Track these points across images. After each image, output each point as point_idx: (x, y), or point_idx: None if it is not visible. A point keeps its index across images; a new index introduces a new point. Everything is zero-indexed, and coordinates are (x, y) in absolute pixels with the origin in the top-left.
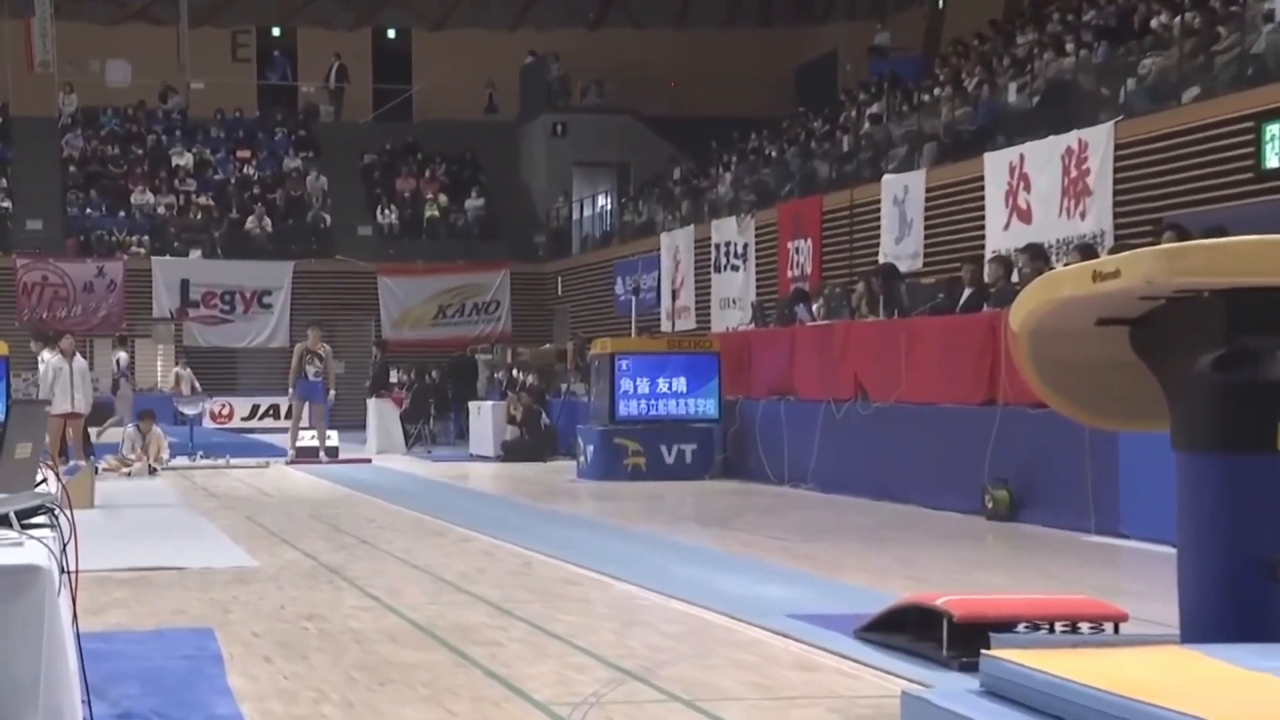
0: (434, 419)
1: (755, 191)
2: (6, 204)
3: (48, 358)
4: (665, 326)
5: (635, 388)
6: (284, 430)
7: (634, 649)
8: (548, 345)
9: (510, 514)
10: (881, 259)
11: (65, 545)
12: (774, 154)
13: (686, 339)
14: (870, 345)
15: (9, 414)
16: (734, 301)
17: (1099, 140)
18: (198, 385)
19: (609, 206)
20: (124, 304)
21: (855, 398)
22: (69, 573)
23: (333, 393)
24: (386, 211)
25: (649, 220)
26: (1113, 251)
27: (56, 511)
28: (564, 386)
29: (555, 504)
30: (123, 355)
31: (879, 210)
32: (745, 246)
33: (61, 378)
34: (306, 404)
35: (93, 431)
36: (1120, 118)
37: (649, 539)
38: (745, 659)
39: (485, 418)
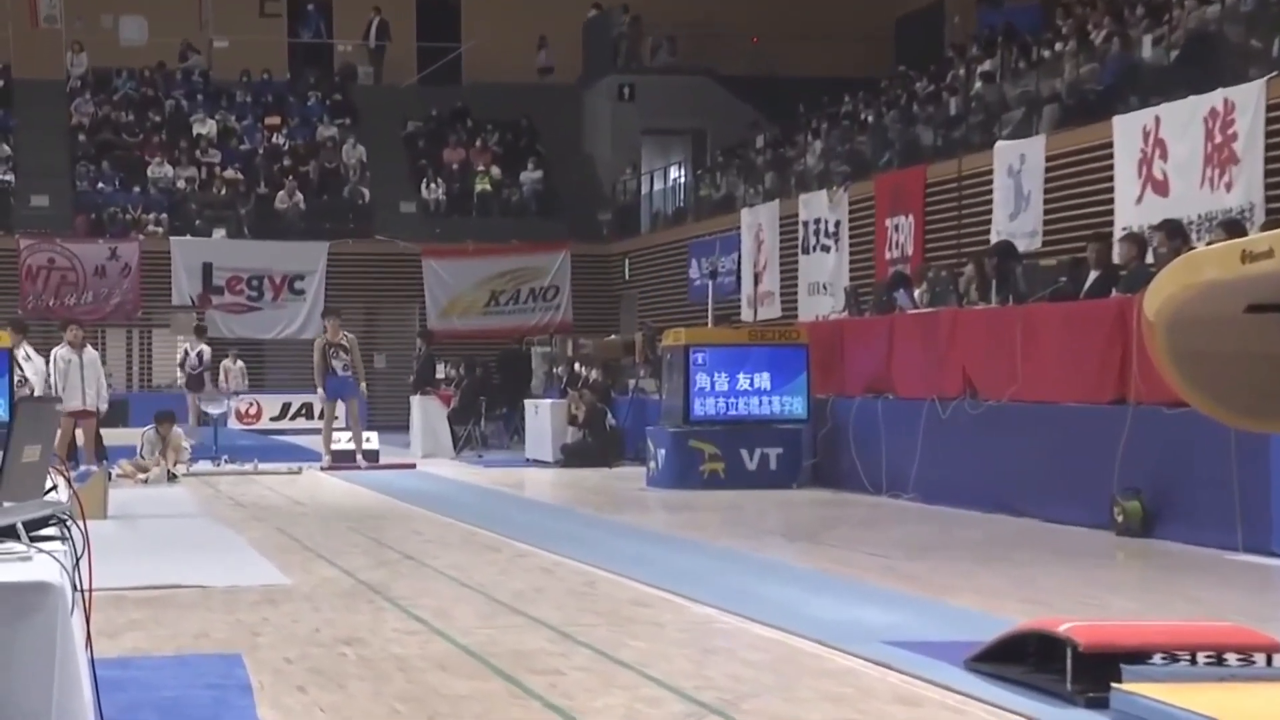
0: (485, 419)
1: (849, 161)
2: (9, 178)
3: (31, 353)
4: (746, 315)
5: (713, 384)
6: (318, 432)
7: (712, 679)
8: (613, 336)
9: (572, 526)
10: (994, 237)
11: (78, 560)
12: (871, 119)
13: (770, 329)
14: (981, 335)
15: (14, 413)
16: (824, 286)
17: (1248, 100)
18: (246, 381)
19: (682, 179)
20: (140, 290)
21: (963, 395)
22: (82, 591)
23: (363, 385)
24: (433, 186)
25: (728, 195)
26: (1264, 228)
27: (68, 522)
28: (632, 383)
29: (622, 515)
30: (204, 348)
31: (991, 182)
32: (837, 224)
33: (71, 372)
34: (339, 402)
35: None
36: (1273, 74)
37: (728, 555)
38: (838, 691)
39: (543, 418)
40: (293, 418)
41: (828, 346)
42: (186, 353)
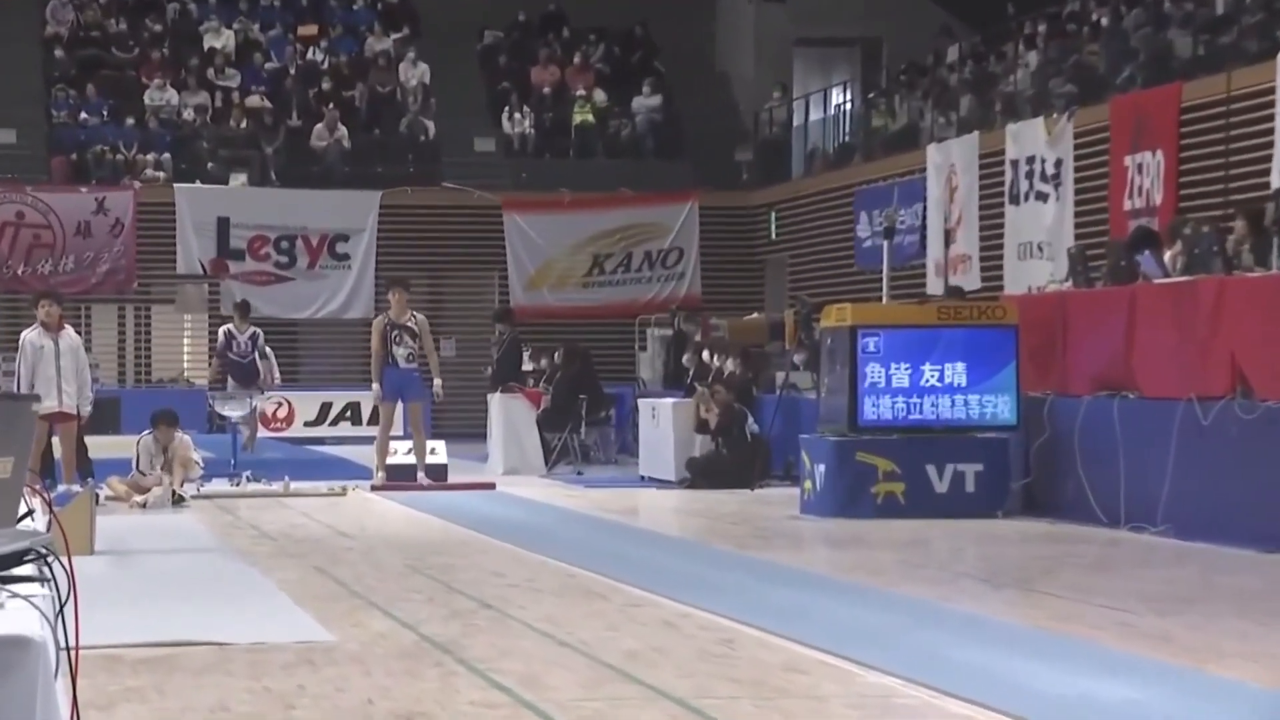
0: (586, 424)
1: (1075, 80)
2: None
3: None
4: (934, 286)
5: (889, 378)
6: (367, 440)
7: None
8: (755, 315)
9: (702, 566)
10: (1276, 181)
11: (61, 608)
12: (1104, 22)
13: (967, 305)
14: (1256, 313)
15: None
16: (1040, 248)
17: None
18: (277, 375)
19: (849, 105)
20: (135, 254)
21: (1232, 394)
22: (67, 649)
23: (438, 382)
24: (517, 117)
25: (910, 126)
26: None
27: (49, 558)
28: (780, 377)
29: (769, 552)
30: (257, 331)
31: (1272, 105)
32: (1058, 164)
33: (44, 362)
34: (399, 403)
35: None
36: None
37: (911, 606)
38: None
39: (663, 423)
40: (334, 422)
41: (1045, 328)
42: (229, 335)
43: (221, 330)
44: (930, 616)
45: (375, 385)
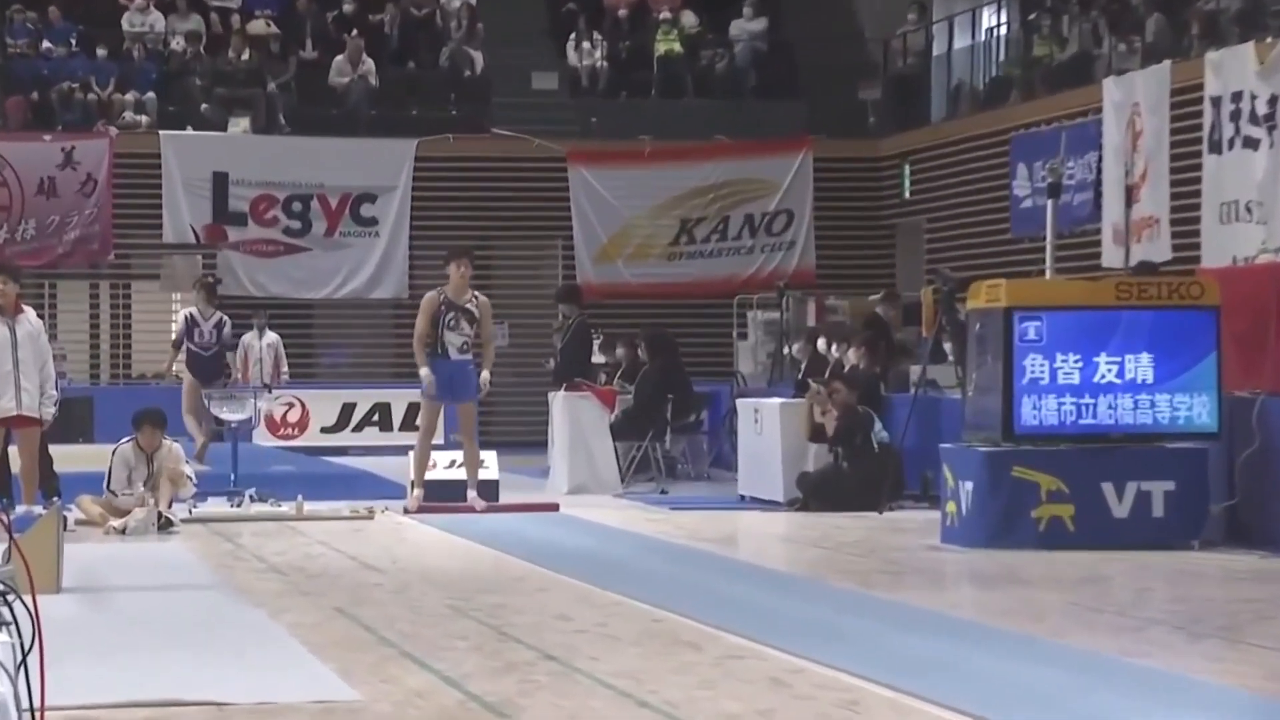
0: (672, 431)
1: None
2: None
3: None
4: (1111, 258)
5: (1054, 374)
6: (400, 450)
7: None
8: (884, 294)
9: (819, 608)
10: None
11: (24, 657)
12: None
13: (1154, 281)
14: None
15: None
16: (1249, 208)
17: None
18: (285, 368)
19: (1003, 30)
20: (111, 217)
21: None
22: (31, 711)
23: (485, 374)
24: (586, 45)
25: (1081, 55)
26: None
27: (8, 597)
28: (915, 371)
29: (902, 592)
30: (222, 317)
31: None
32: (1273, 102)
33: None
34: (444, 404)
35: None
36: None
37: (1084, 661)
38: None
39: (768, 429)
40: (358, 427)
41: (1254, 310)
42: (190, 321)
43: (182, 314)
44: (1108, 674)
45: (424, 370)
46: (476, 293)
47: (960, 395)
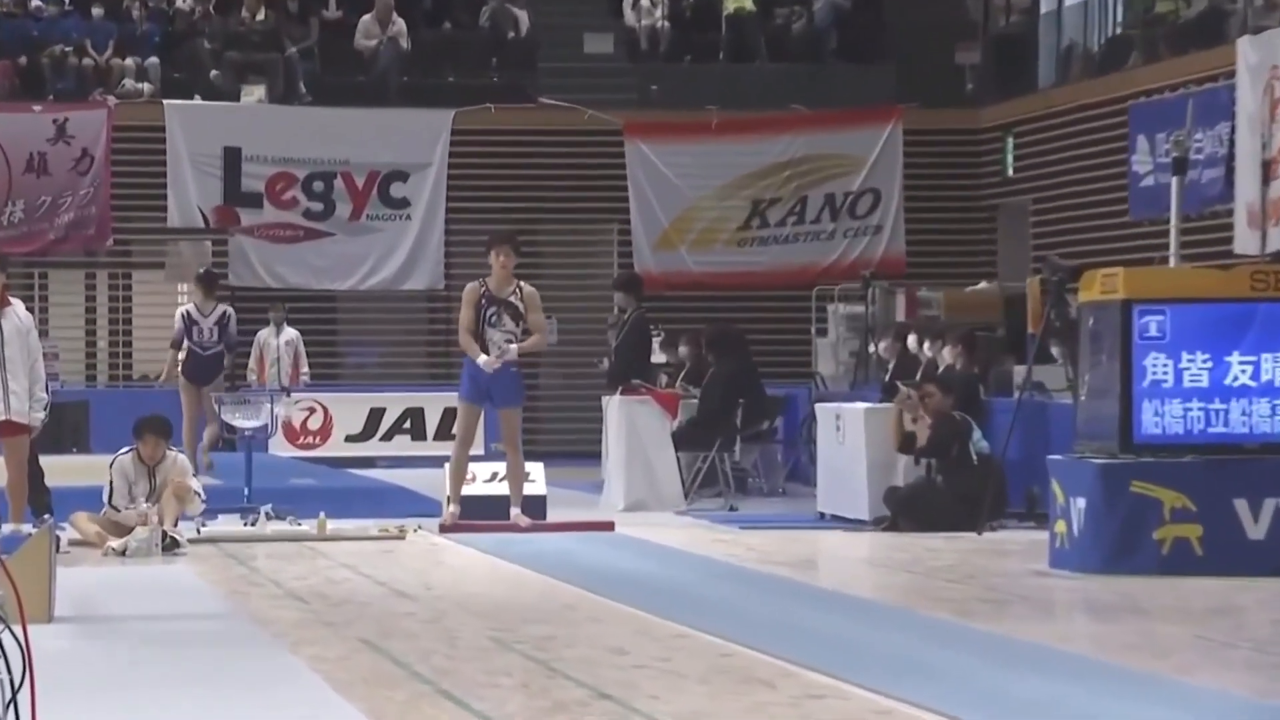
0: (743, 440)
1: None
2: None
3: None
4: (1244, 244)
5: (1179, 375)
6: (435, 462)
7: None
8: (983, 284)
9: (909, 642)
10: None
11: (14, 696)
12: None
13: None
14: None
15: None
16: None
17: None
18: (305, 368)
19: None
20: (110, 198)
21: None
22: None
23: (513, 347)
24: (643, 3)
25: (1210, 10)
26: None
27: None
28: (1020, 373)
29: (1004, 623)
30: (227, 310)
31: None
32: None
33: None
34: (481, 407)
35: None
36: None
37: (1215, 703)
38: None
39: (851, 439)
40: (387, 435)
41: None
42: (187, 319)
43: (179, 312)
44: (1245, 719)
45: (483, 358)
46: (521, 283)
47: (1071, 400)
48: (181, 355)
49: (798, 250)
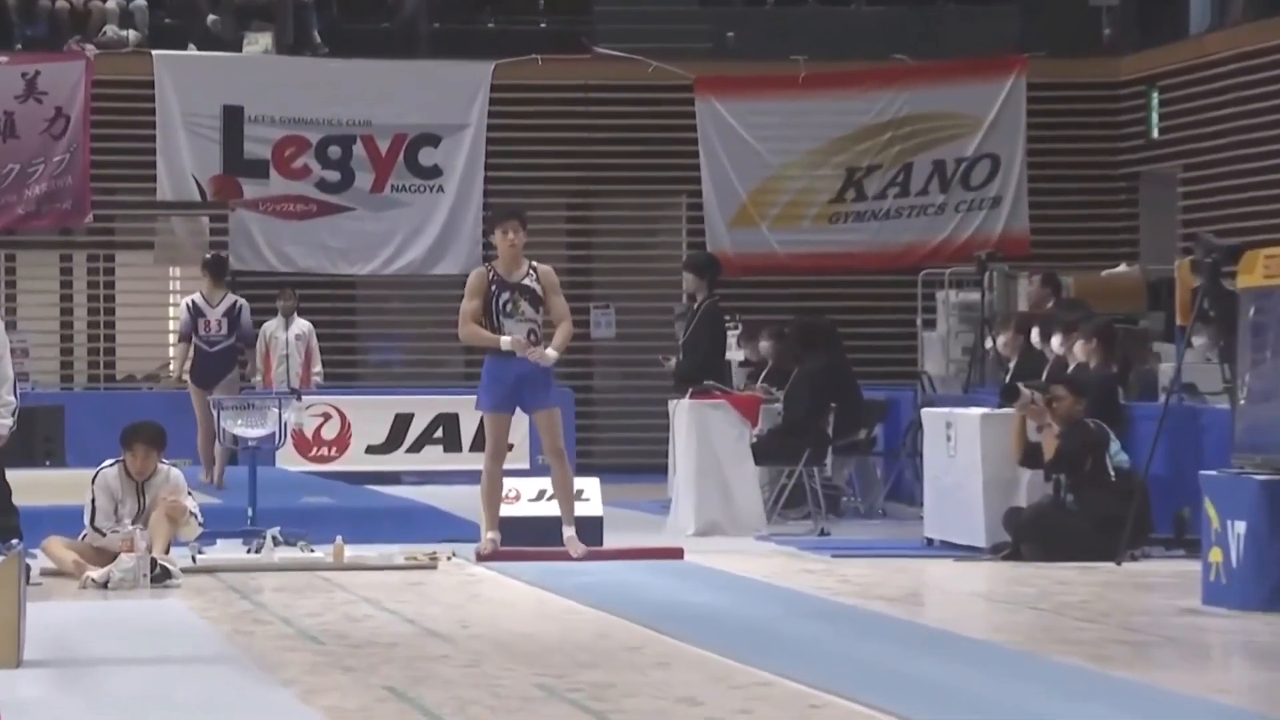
0: (836, 451)
1: None
2: None
3: None
4: None
5: None
6: (472, 477)
7: None
8: (1123, 267)
9: (1035, 691)
10: None
11: None
12: None
13: None
14: None
15: None
16: None
17: None
18: (319, 367)
19: None
20: (89, 167)
21: None
22: None
23: (551, 350)
24: None
25: None
26: None
27: None
28: (1166, 372)
29: (1150, 670)
30: (240, 301)
31: None
32: None
33: None
34: (509, 414)
35: None
36: None
37: None
38: None
39: (965, 450)
40: (415, 447)
41: None
42: (193, 310)
43: (185, 302)
44: None
45: (505, 338)
46: (534, 263)
47: (1229, 404)
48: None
49: (901, 227)
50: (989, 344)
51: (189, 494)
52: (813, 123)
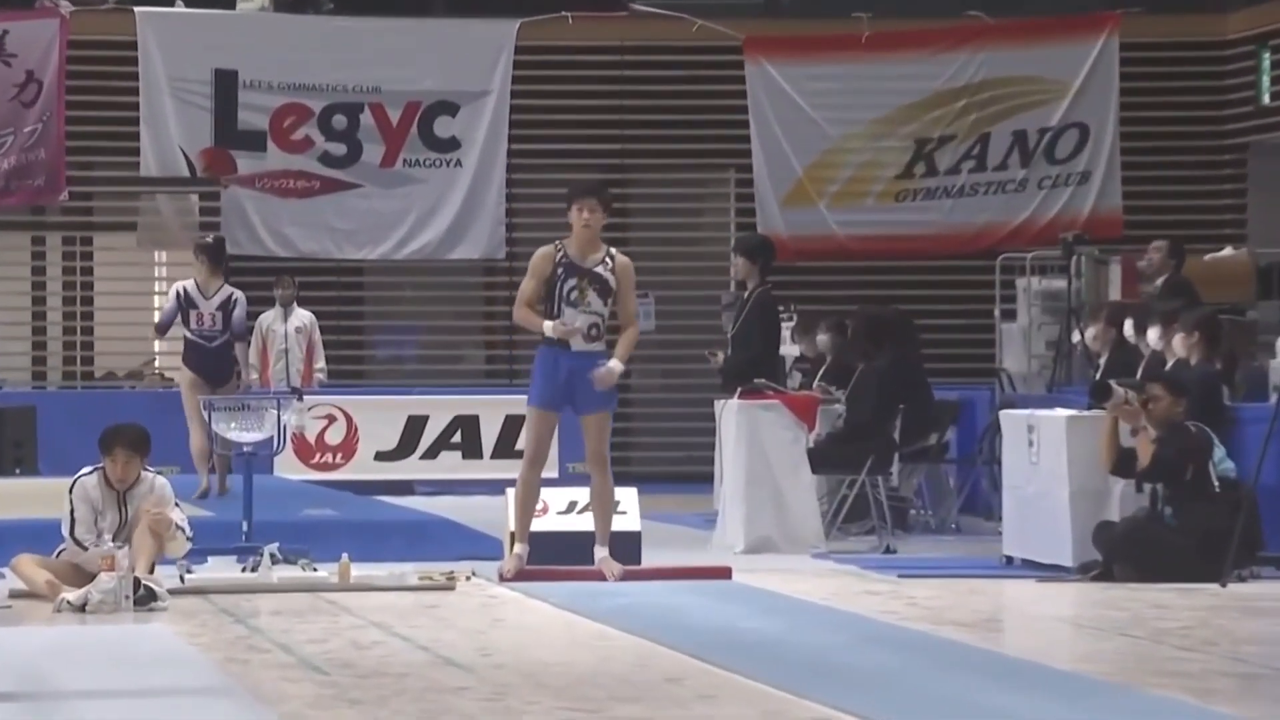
0: (903, 458)
1: None
2: None
3: None
4: None
5: None
6: (494, 487)
7: None
8: (1228, 250)
9: None
10: None
11: None
12: None
13: None
14: None
15: None
16: None
17: None
18: (322, 363)
19: None
20: (64, 139)
21: None
22: None
23: (616, 362)
24: None
25: None
26: None
27: None
28: (1278, 367)
29: (1260, 705)
30: (236, 294)
31: None
32: None
33: None
34: (557, 413)
35: None
36: None
37: None
38: None
39: (1049, 457)
40: (430, 453)
41: None
42: (184, 299)
43: (176, 289)
44: None
45: (548, 323)
46: (612, 250)
47: None
48: (165, 347)
49: (976, 206)
50: (1076, 337)
51: (176, 505)
52: (877, 89)
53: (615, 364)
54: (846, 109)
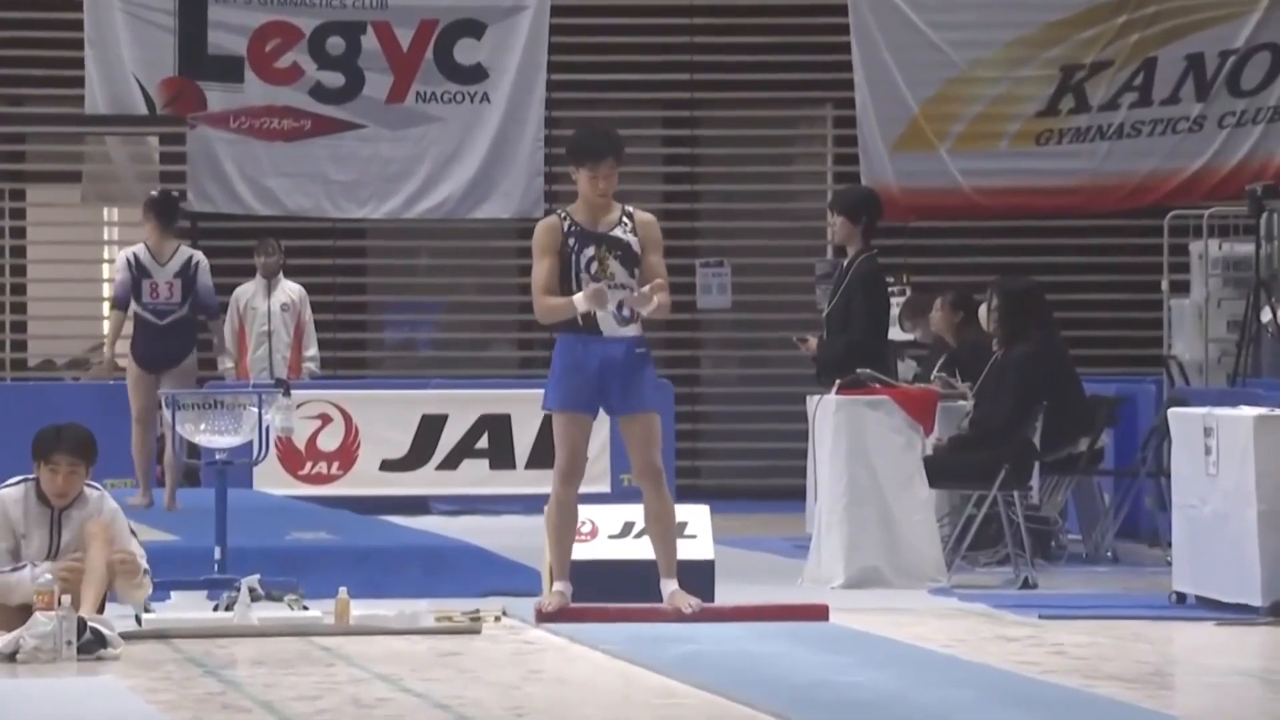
0: (1045, 470)
1: None
2: None
3: None
4: None
5: None
6: (531, 503)
7: None
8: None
9: None
10: None
11: None
12: None
13: None
14: None
15: None
16: None
17: None
18: (313, 349)
19: None
20: None
21: None
22: None
23: (658, 298)
24: None
25: None
26: None
27: None
28: None
29: None
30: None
31: None
32: None
33: None
34: (591, 416)
35: None
36: None
37: None
38: None
39: (1231, 467)
40: (450, 461)
41: None
42: (134, 266)
43: (124, 256)
44: None
45: (578, 296)
46: (629, 208)
47: None
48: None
49: (1139, 150)
50: (1267, 315)
51: (132, 533)
52: (1014, 3)
53: (660, 299)
54: (975, 29)
